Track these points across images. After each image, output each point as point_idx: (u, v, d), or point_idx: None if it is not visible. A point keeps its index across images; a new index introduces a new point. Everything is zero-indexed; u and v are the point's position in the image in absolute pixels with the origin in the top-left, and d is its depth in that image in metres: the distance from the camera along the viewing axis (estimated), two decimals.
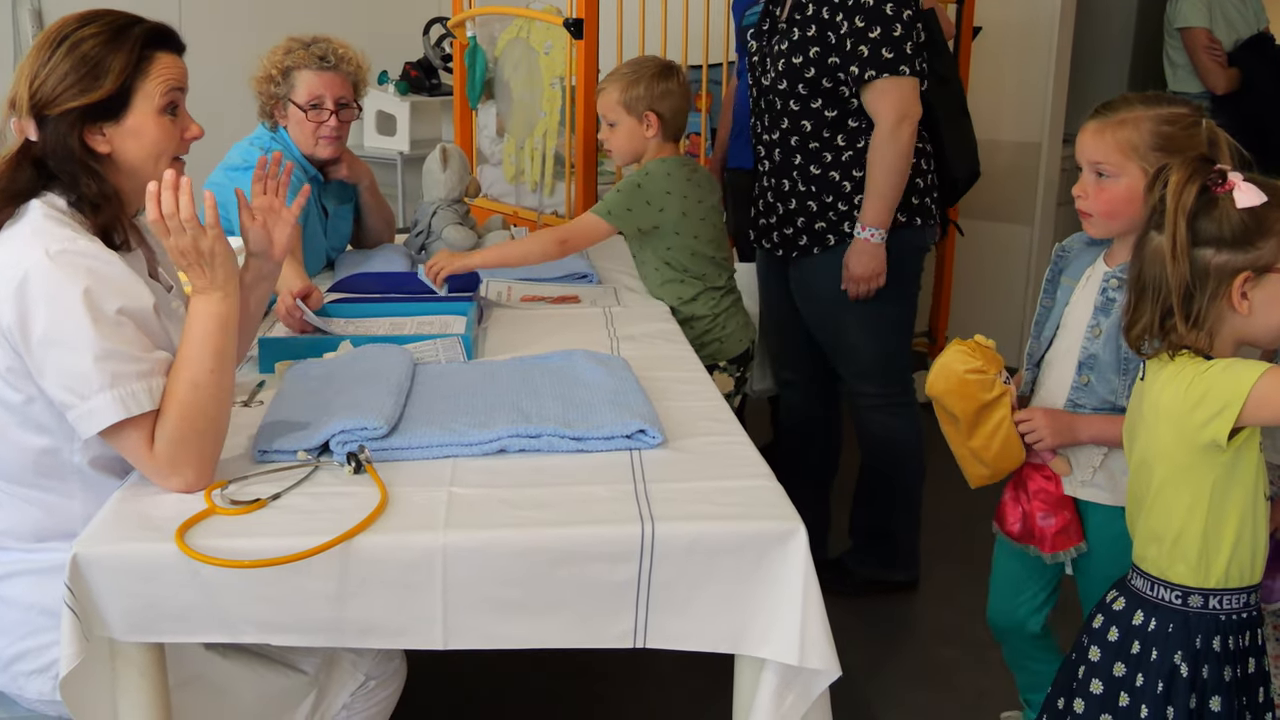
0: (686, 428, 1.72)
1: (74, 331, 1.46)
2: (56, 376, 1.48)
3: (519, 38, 3.60)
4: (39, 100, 1.55)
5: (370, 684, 1.78)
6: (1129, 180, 1.76)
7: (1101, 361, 1.83)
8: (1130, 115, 1.77)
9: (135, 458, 1.51)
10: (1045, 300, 1.96)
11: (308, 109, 2.66)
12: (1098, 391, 1.84)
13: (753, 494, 1.50)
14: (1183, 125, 1.74)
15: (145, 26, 1.61)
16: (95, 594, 1.36)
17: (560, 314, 2.48)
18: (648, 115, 2.54)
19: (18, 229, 1.54)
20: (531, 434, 1.62)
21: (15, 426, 1.56)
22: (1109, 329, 1.81)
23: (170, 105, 1.63)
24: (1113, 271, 1.83)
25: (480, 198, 3.94)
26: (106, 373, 1.46)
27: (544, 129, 3.54)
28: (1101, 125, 1.79)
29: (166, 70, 1.62)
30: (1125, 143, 1.76)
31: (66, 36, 1.57)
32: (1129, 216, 1.76)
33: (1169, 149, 1.72)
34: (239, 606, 1.38)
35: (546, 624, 1.42)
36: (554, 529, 1.41)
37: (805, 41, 2.59)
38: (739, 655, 1.48)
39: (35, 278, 1.47)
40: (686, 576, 1.41)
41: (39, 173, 1.58)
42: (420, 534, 1.39)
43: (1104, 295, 1.83)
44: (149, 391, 1.49)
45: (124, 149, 1.61)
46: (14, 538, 1.62)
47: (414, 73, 5.30)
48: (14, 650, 1.61)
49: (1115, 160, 1.77)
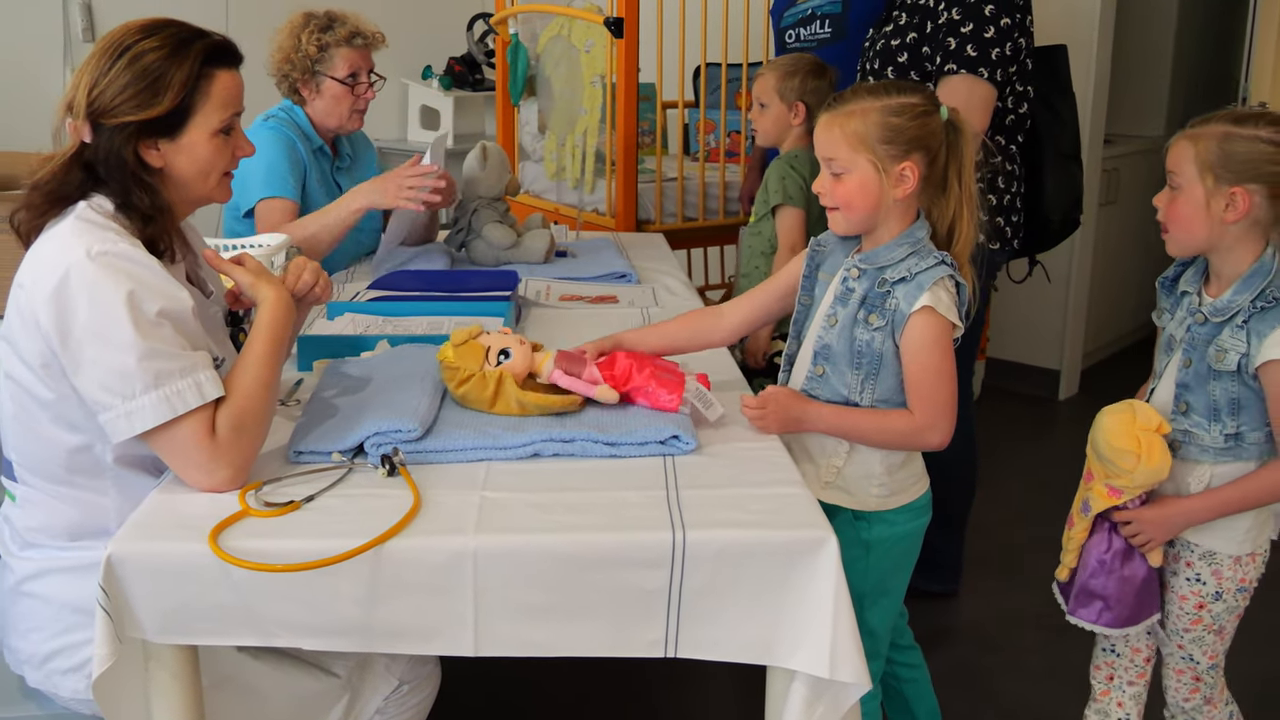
0: (720, 433, 1.71)
1: (116, 332, 1.47)
2: (95, 376, 1.48)
3: (560, 36, 3.60)
4: (96, 108, 1.55)
5: (404, 688, 1.78)
6: (860, 174, 1.70)
7: (835, 352, 1.76)
8: (858, 107, 1.70)
9: (180, 454, 1.49)
10: (804, 298, 1.88)
11: (349, 83, 2.80)
12: (832, 383, 1.77)
13: (784, 502, 1.48)
14: (912, 115, 1.68)
15: (206, 42, 1.61)
16: (129, 595, 1.37)
17: (598, 314, 2.48)
18: (797, 105, 2.74)
19: (59, 229, 1.55)
20: (565, 438, 1.62)
21: (48, 423, 1.57)
22: (844, 319, 1.74)
23: (227, 128, 1.64)
24: (853, 261, 1.77)
25: (521, 194, 3.95)
26: (150, 373, 1.46)
27: (585, 126, 3.53)
28: (830, 119, 1.73)
29: (225, 91, 1.62)
30: (853, 135, 1.70)
31: (129, 47, 1.56)
32: (867, 210, 1.72)
33: (898, 140, 1.67)
34: (271, 609, 1.39)
35: (577, 631, 1.41)
36: (585, 534, 1.40)
37: (907, 28, 2.60)
38: (770, 666, 1.47)
39: (76, 278, 1.48)
40: (717, 585, 1.40)
41: (88, 176, 1.59)
42: (451, 538, 1.39)
43: (844, 285, 1.77)
44: (196, 387, 1.49)
45: (176, 164, 1.61)
46: (48, 535, 1.63)
47: (458, 67, 5.32)
48: (48, 648, 1.63)
49: (844, 155, 1.71)
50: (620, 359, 1.75)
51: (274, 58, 2.81)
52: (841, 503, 1.79)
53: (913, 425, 1.70)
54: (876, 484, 1.78)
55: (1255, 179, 1.66)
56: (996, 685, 1.99)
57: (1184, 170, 1.72)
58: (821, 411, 1.75)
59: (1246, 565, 1.82)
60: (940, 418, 1.69)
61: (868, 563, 1.80)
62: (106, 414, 1.48)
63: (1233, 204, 1.68)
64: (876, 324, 1.70)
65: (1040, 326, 4.62)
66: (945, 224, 1.73)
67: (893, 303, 1.69)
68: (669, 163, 3.85)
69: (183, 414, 1.47)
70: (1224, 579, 1.82)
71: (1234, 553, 1.81)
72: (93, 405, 1.50)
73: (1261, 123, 1.67)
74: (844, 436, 1.76)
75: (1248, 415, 1.73)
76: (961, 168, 1.71)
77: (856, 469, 1.78)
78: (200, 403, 1.48)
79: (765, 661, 1.44)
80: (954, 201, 1.72)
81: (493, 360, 1.73)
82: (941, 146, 1.70)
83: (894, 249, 1.71)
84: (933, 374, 1.68)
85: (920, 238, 1.71)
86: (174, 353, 1.49)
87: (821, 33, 3.21)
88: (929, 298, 1.66)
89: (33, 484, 1.63)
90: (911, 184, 1.68)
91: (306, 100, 2.83)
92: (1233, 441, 1.75)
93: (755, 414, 1.73)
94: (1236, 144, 1.67)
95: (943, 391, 1.69)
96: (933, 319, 1.67)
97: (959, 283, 1.70)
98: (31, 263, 1.54)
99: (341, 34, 2.79)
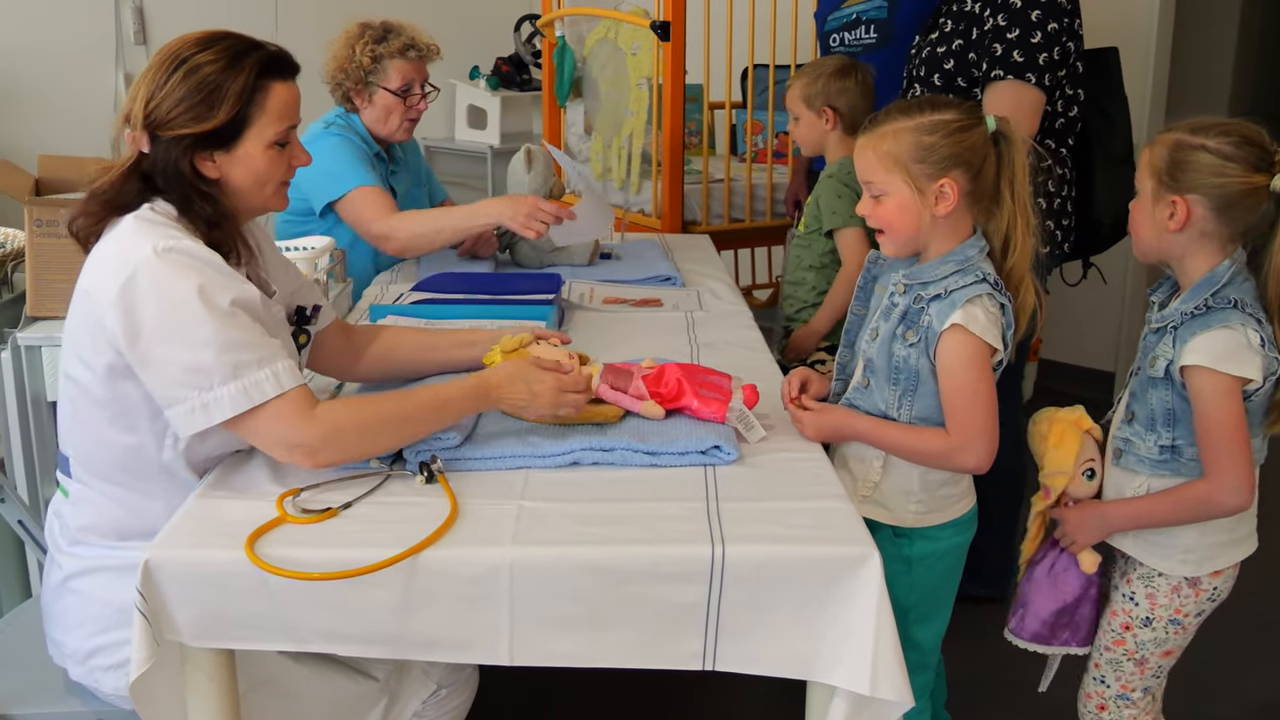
0: (763, 444, 1.69)
1: (190, 326, 1.47)
2: (169, 372, 1.48)
3: (607, 38, 3.59)
4: (153, 120, 1.56)
5: (442, 692, 1.78)
6: (897, 195, 1.67)
7: (877, 366, 1.73)
8: (891, 128, 1.67)
9: (270, 433, 1.50)
10: (858, 307, 1.86)
11: (403, 94, 2.81)
12: (873, 397, 1.74)
13: (828, 516, 1.46)
14: (946, 132, 1.64)
15: (262, 54, 1.61)
16: (166, 599, 1.37)
17: (641, 318, 2.46)
18: (825, 111, 2.65)
19: (120, 230, 1.55)
20: (605, 447, 1.60)
21: (105, 423, 1.58)
22: (884, 334, 1.72)
23: (282, 141, 1.64)
24: (899, 276, 1.74)
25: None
26: (228, 364, 1.47)
27: (631, 128, 3.52)
28: (865, 141, 1.71)
29: (280, 103, 1.62)
30: (887, 156, 1.67)
31: (185, 59, 1.56)
32: (910, 231, 1.69)
33: (932, 159, 1.64)
34: (306, 616, 1.39)
35: (613, 643, 1.40)
36: (622, 547, 1.38)
37: (953, 34, 2.57)
38: (811, 681, 1.44)
39: (144, 275, 1.48)
40: (757, 600, 1.37)
41: (146, 185, 1.59)
42: (487, 548, 1.38)
43: (889, 299, 1.74)
44: (274, 377, 1.49)
45: (232, 175, 1.62)
46: (97, 534, 1.64)
47: (505, 68, 5.33)
48: (91, 644, 1.64)
49: (880, 177, 1.68)
50: (669, 372, 1.73)
51: (328, 66, 2.83)
52: (879, 518, 1.77)
53: (948, 445, 1.67)
54: (914, 500, 1.75)
55: (1195, 189, 1.63)
56: (1041, 696, 1.99)
57: (1140, 177, 1.71)
58: (858, 422, 1.73)
59: (1186, 596, 1.75)
60: (975, 439, 1.65)
61: (911, 578, 1.78)
62: (179, 407, 1.48)
63: (1174, 212, 1.65)
64: (911, 340, 1.68)
65: (1094, 328, 4.54)
66: (1000, 237, 1.70)
67: (926, 319, 1.66)
68: (716, 164, 3.83)
69: (260, 403, 1.48)
70: (1157, 604, 1.76)
71: (1175, 574, 1.74)
72: (164, 400, 1.50)
73: (1213, 133, 1.62)
74: (882, 449, 1.74)
75: (1183, 429, 1.68)
76: (1014, 178, 1.67)
77: (893, 484, 1.76)
78: (278, 393, 1.49)
79: (805, 677, 1.42)
80: (1007, 213, 1.68)
81: None
82: (986, 159, 1.66)
83: (940, 266, 1.68)
84: (967, 395, 1.65)
85: (970, 256, 1.67)
86: (251, 341, 1.49)
87: (867, 38, 3.17)
88: (961, 315, 1.62)
89: (86, 481, 1.64)
90: (952, 201, 1.65)
91: (360, 109, 2.85)
92: (1168, 454, 1.70)
93: (795, 413, 1.74)
94: (1184, 153, 1.63)
95: (977, 413, 1.65)
96: (964, 338, 1.63)
97: (1003, 304, 1.66)
98: (95, 265, 1.55)
99: (396, 45, 2.79)
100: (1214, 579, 1.75)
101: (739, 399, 1.69)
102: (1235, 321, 1.61)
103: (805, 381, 1.81)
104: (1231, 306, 1.62)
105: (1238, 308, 1.62)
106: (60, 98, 4.37)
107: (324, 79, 2.84)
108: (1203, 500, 1.66)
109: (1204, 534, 1.72)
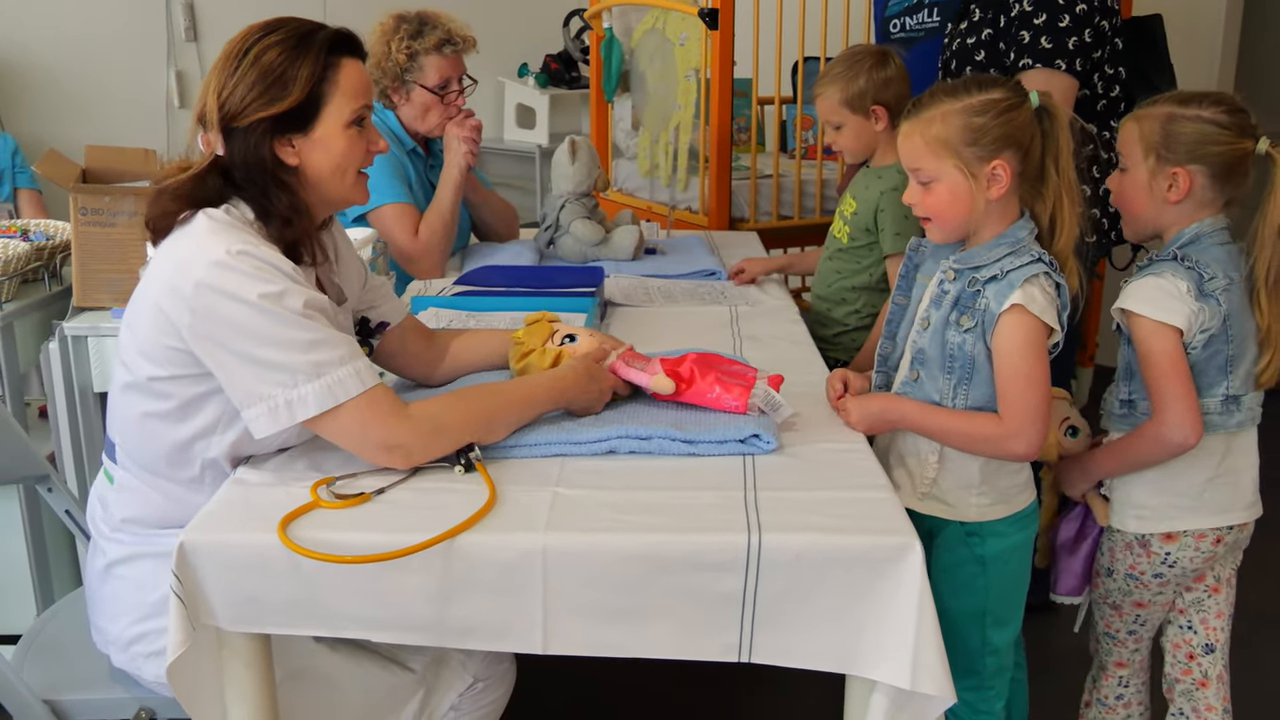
0: (804, 433, 1.66)
1: (269, 326, 1.46)
2: (250, 372, 1.47)
3: (655, 29, 3.57)
4: (227, 112, 1.54)
5: (479, 685, 1.77)
6: (948, 181, 1.63)
7: (929, 357, 1.69)
8: (938, 111, 1.63)
9: (358, 434, 1.50)
10: (899, 298, 1.83)
11: (440, 92, 2.78)
12: (925, 388, 1.70)
13: (868, 506, 1.43)
14: (997, 112, 1.60)
15: (328, 33, 1.60)
16: (201, 583, 1.37)
17: (684, 311, 2.44)
18: (874, 110, 2.37)
19: (194, 229, 1.54)
20: (642, 435, 1.58)
21: (158, 417, 1.57)
22: (937, 322, 1.67)
23: (359, 119, 1.62)
24: (949, 263, 1.69)
25: (614, 191, 3.93)
26: (310, 362, 1.46)
27: (678, 122, 3.50)
28: (910, 127, 1.66)
29: (353, 80, 1.60)
30: (936, 141, 1.62)
31: (250, 47, 1.55)
32: (961, 217, 1.65)
33: (983, 140, 1.60)
34: (340, 601, 1.38)
35: (648, 633, 1.38)
36: (656, 535, 1.36)
37: (982, 24, 2.51)
38: (850, 675, 1.42)
39: (219, 278, 1.46)
40: (795, 591, 1.35)
41: (226, 182, 1.57)
42: (521, 535, 1.36)
43: (940, 287, 1.70)
44: (355, 375, 1.49)
45: (311, 161, 1.60)
46: (140, 525, 1.65)
47: (554, 65, 5.33)
48: (133, 632, 1.65)
49: (929, 163, 1.64)
50: (689, 360, 1.71)
51: (373, 62, 2.81)
52: (942, 514, 1.73)
53: (999, 431, 1.62)
54: (976, 493, 1.71)
55: (1197, 159, 1.70)
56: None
57: (1130, 152, 1.76)
58: (906, 408, 1.70)
59: (1138, 555, 1.83)
60: (1027, 426, 1.61)
61: (986, 579, 1.73)
62: (260, 406, 1.47)
63: (1175, 184, 1.71)
64: (967, 325, 1.64)
65: None
66: (1047, 216, 1.66)
67: (983, 302, 1.62)
68: (764, 160, 3.80)
69: (343, 401, 1.48)
70: (1116, 558, 1.87)
71: (1129, 530, 1.83)
72: (243, 400, 1.49)
73: (1205, 103, 1.70)
74: (929, 436, 1.70)
75: (1138, 383, 1.77)
76: (1059, 155, 1.64)
77: (952, 479, 1.72)
78: (361, 390, 1.48)
79: (844, 670, 1.39)
80: (1053, 192, 1.64)
81: (556, 340, 1.74)
82: (1034, 138, 1.63)
83: (992, 249, 1.64)
84: (1022, 379, 1.60)
85: (1021, 238, 1.64)
86: (330, 339, 1.49)
87: (930, 22, 3.11)
88: (1020, 295, 1.58)
89: (131, 470, 1.64)
90: (1005, 182, 1.61)
91: (397, 106, 2.84)
92: (1126, 408, 1.81)
93: (838, 402, 1.72)
94: (1180, 124, 1.70)
95: (1030, 398, 1.61)
96: (1024, 319, 1.59)
97: (1059, 284, 1.62)
98: (166, 262, 1.53)
99: (431, 41, 2.75)
100: (1166, 543, 1.81)
101: (763, 384, 1.66)
102: (1167, 271, 1.71)
103: (846, 380, 1.79)
104: (1170, 259, 1.72)
105: (1176, 260, 1.71)
106: (112, 93, 4.43)
107: None
108: (1152, 439, 1.73)
109: (1159, 493, 1.80)
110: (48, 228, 2.59)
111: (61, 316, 2.25)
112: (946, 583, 1.68)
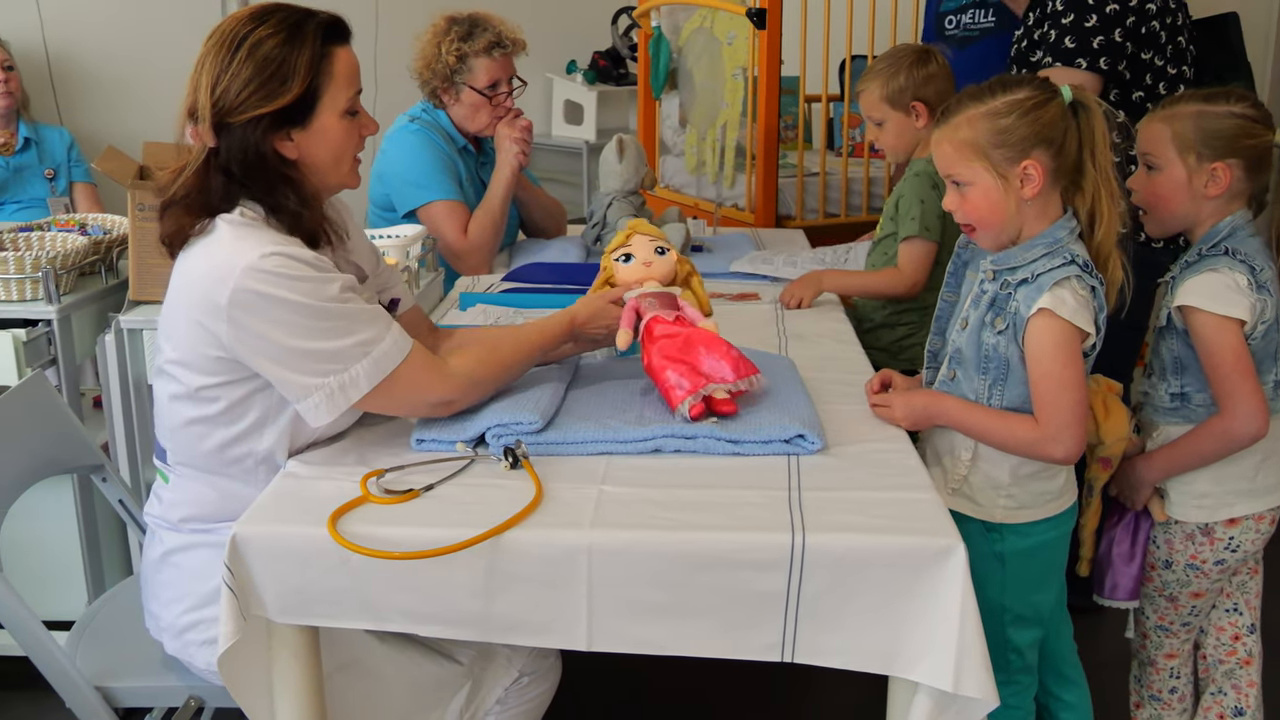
0: (849, 433, 1.66)
1: (312, 320, 1.48)
2: (302, 367, 1.49)
3: (702, 27, 3.57)
4: (222, 108, 1.52)
5: (524, 680, 1.78)
6: (981, 185, 1.62)
7: (965, 357, 1.68)
8: (964, 116, 1.62)
9: (408, 397, 1.59)
10: (948, 294, 1.82)
11: (490, 93, 2.80)
12: (961, 388, 1.69)
13: (912, 507, 1.43)
14: (1022, 111, 1.59)
15: (321, 20, 1.58)
16: (252, 574, 1.39)
17: (731, 311, 2.44)
18: (915, 105, 2.38)
19: (217, 236, 1.54)
20: (687, 434, 1.59)
21: (208, 424, 1.59)
22: (974, 322, 1.67)
23: (353, 108, 1.63)
24: (988, 263, 1.68)
25: (661, 188, 3.94)
26: (356, 343, 1.51)
27: (725, 120, 3.50)
28: (941, 134, 1.66)
29: (347, 68, 1.60)
30: (964, 145, 1.62)
31: (244, 38, 1.53)
32: (1000, 220, 1.63)
33: (1011, 141, 1.59)
34: (387, 595, 1.40)
35: (691, 631, 1.38)
36: (700, 533, 1.37)
37: (1034, 26, 2.51)
38: (892, 677, 1.41)
39: (256, 282, 1.47)
40: (838, 591, 1.35)
41: (229, 182, 1.56)
42: (566, 532, 1.38)
43: (979, 287, 1.69)
44: (395, 343, 1.54)
45: (311, 152, 1.60)
46: (197, 521, 1.66)
47: (602, 62, 5.34)
48: (187, 620, 1.67)
49: (961, 169, 1.63)
50: (680, 340, 1.69)
51: (416, 63, 2.84)
52: (968, 511, 1.72)
53: (1036, 434, 1.62)
54: (1004, 495, 1.71)
55: (1234, 153, 1.74)
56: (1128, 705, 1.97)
57: (1162, 151, 1.78)
58: (948, 404, 1.70)
59: (1201, 544, 1.84)
60: (1063, 430, 1.60)
61: (1004, 576, 1.73)
62: (316, 396, 1.51)
63: (1214, 179, 1.75)
64: (1000, 327, 1.63)
65: None
66: (1086, 210, 1.65)
67: (1014, 305, 1.62)
68: (811, 158, 3.79)
69: (391, 371, 1.53)
70: (1175, 550, 1.87)
71: (1191, 521, 1.84)
72: (297, 394, 1.51)
73: (1232, 99, 1.76)
74: (968, 434, 1.70)
75: (1190, 376, 1.79)
76: (1095, 148, 1.63)
77: (982, 477, 1.71)
78: (403, 356, 1.55)
79: (887, 671, 1.39)
80: (1091, 185, 1.64)
81: (618, 254, 1.85)
82: (1067, 133, 1.61)
83: (1029, 249, 1.63)
84: (1054, 383, 1.59)
85: (1060, 238, 1.62)
86: (366, 315, 1.53)
87: (985, 21, 3.07)
88: (1049, 300, 1.58)
89: (184, 472, 1.66)
90: (1038, 181, 1.60)
91: (447, 105, 2.86)
92: (1178, 401, 1.82)
93: (877, 399, 1.74)
94: (1212, 121, 1.75)
95: (1064, 401, 1.60)
96: (1052, 323, 1.58)
97: (1094, 286, 1.61)
98: (198, 274, 1.52)
99: (481, 44, 2.78)
100: (1229, 528, 1.83)
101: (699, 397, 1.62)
102: (1223, 266, 1.73)
103: (887, 381, 1.81)
104: (1222, 253, 1.74)
105: (1229, 254, 1.74)
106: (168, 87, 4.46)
107: (412, 75, 2.85)
108: (1221, 435, 1.75)
109: (1219, 481, 1.81)
110: (105, 222, 2.64)
111: (117, 309, 2.29)
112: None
